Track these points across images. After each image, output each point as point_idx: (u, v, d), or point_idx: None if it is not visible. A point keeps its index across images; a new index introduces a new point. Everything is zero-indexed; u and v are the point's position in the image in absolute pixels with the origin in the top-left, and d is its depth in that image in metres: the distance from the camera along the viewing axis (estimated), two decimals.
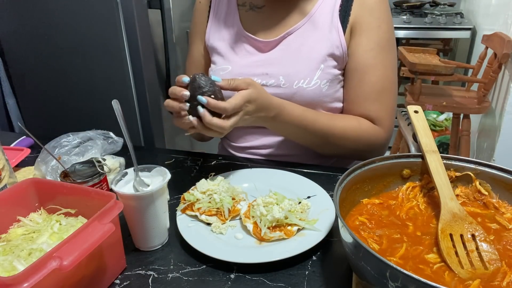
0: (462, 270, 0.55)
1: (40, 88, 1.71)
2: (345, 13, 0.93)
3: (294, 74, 0.94)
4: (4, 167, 0.77)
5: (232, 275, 0.66)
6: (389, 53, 0.96)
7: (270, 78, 0.95)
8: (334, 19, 0.93)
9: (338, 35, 0.93)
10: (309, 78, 0.93)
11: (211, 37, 1.05)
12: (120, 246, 0.66)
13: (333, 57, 0.94)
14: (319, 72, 0.93)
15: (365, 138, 0.96)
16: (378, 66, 0.94)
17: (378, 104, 0.95)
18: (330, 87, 0.95)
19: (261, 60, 0.98)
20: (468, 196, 0.70)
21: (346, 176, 0.65)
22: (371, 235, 0.62)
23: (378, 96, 0.95)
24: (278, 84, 0.95)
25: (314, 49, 0.94)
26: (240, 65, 0.99)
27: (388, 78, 0.96)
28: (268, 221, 0.71)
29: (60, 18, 1.55)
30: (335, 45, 0.93)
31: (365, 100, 0.96)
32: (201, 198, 0.77)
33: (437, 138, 2.85)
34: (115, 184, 0.69)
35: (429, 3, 3.34)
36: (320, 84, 0.93)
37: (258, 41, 0.98)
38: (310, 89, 0.93)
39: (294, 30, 0.96)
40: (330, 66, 0.94)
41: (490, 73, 2.20)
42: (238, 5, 1.03)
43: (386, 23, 0.94)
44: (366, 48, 0.93)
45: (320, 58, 0.93)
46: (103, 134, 1.01)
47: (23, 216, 0.67)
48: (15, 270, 0.55)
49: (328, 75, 0.94)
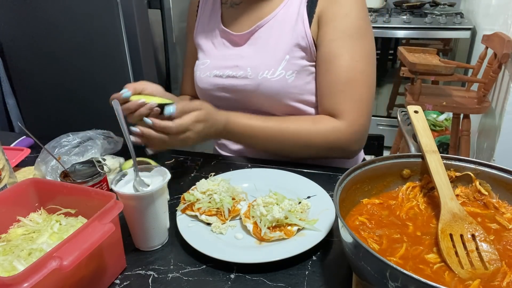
0: (462, 270, 0.55)
1: (40, 88, 1.71)
2: (311, 4, 0.93)
3: (260, 65, 0.96)
4: (4, 167, 0.77)
5: (232, 275, 0.66)
6: (358, 41, 0.91)
7: (240, 70, 0.98)
8: (300, 10, 0.94)
9: (303, 25, 0.93)
10: (273, 69, 0.94)
11: (198, 35, 1.09)
12: (120, 246, 0.66)
13: (299, 47, 0.94)
14: (284, 63, 0.94)
15: (320, 137, 0.92)
16: (344, 56, 0.90)
17: (342, 96, 0.90)
18: (298, 78, 0.94)
19: (234, 54, 1.01)
20: (468, 196, 0.70)
21: (346, 176, 0.65)
22: (371, 235, 0.62)
23: (343, 87, 0.90)
24: (246, 76, 0.97)
25: (280, 40, 0.95)
26: (217, 58, 1.03)
27: (355, 68, 0.90)
28: (268, 221, 0.71)
29: (60, 18, 1.55)
30: (301, 35, 0.93)
31: (330, 92, 0.92)
32: (201, 198, 0.77)
33: (437, 138, 2.85)
34: (115, 184, 0.69)
35: (429, 3, 3.34)
36: (285, 75, 0.94)
37: (233, 35, 1.02)
38: (274, 79, 0.94)
39: (264, 23, 0.98)
40: (297, 56, 0.94)
41: (490, 73, 2.20)
42: (221, 3, 1.06)
43: (355, 11, 0.91)
44: (331, 37, 0.91)
45: (286, 48, 0.94)
46: (103, 134, 1.01)
47: (23, 216, 0.67)
48: (15, 270, 0.55)
49: (294, 66, 0.94)
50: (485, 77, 2.26)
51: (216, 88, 1.02)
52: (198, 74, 1.06)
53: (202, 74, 1.04)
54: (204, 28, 1.08)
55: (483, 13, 2.80)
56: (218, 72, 1.01)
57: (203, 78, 1.04)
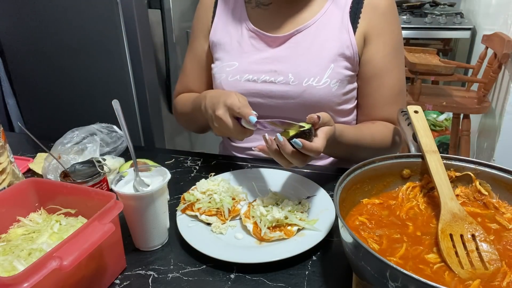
0: (462, 270, 0.55)
1: (40, 88, 1.71)
2: (355, 15, 0.94)
3: (304, 71, 0.93)
4: (7, 167, 0.77)
5: (232, 275, 0.66)
6: (401, 55, 0.99)
7: (279, 76, 0.95)
8: (344, 20, 0.94)
9: (349, 35, 0.93)
10: (319, 77, 0.93)
11: (217, 33, 1.04)
12: (120, 246, 0.66)
13: (344, 57, 0.94)
14: (329, 71, 0.93)
15: (396, 141, 0.99)
16: (395, 70, 0.97)
17: (396, 106, 0.97)
18: (340, 87, 0.94)
19: (269, 57, 0.97)
20: (468, 196, 0.70)
21: (346, 176, 0.65)
22: (371, 235, 0.62)
23: (396, 98, 0.98)
24: (287, 82, 0.94)
25: (324, 48, 0.94)
26: (248, 61, 0.99)
27: (402, 79, 0.99)
28: (268, 221, 0.71)
29: (60, 18, 1.55)
30: (346, 45, 0.93)
31: (385, 104, 0.98)
32: (201, 198, 0.77)
33: (437, 138, 2.85)
34: (115, 184, 0.69)
35: (429, 3, 3.34)
36: (330, 83, 0.93)
37: (266, 36, 0.98)
38: (320, 87, 0.93)
39: (304, 28, 0.96)
40: (341, 66, 0.94)
41: (490, 73, 2.20)
42: (245, 2, 1.03)
43: (398, 26, 0.97)
44: (384, 53, 0.95)
45: (331, 57, 0.93)
46: (107, 128, 1.01)
47: (23, 216, 0.67)
48: (15, 270, 0.55)
49: (339, 75, 0.94)
50: (485, 77, 2.26)
51: (249, 94, 0.96)
52: (224, 77, 0.99)
53: (230, 78, 0.99)
54: (227, 26, 1.03)
55: (483, 13, 2.80)
56: (251, 76, 0.97)
57: (231, 82, 0.98)
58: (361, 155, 0.95)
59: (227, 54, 1.02)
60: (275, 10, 0.99)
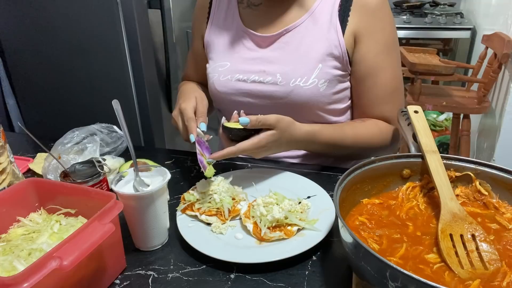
0: (462, 270, 0.55)
1: (40, 88, 1.71)
2: (344, 14, 0.93)
3: (292, 72, 0.94)
4: (7, 167, 0.77)
5: (232, 275, 0.66)
6: (395, 52, 0.97)
7: (267, 76, 0.96)
8: (333, 19, 0.93)
9: (337, 35, 0.93)
10: (306, 77, 0.93)
11: (211, 33, 1.05)
12: (120, 246, 0.66)
13: (333, 56, 0.93)
14: (317, 71, 0.93)
15: (386, 140, 0.99)
16: (388, 68, 0.96)
17: (391, 105, 0.97)
18: (329, 87, 0.94)
19: (259, 57, 0.98)
20: (468, 196, 0.70)
21: (346, 176, 0.65)
22: (371, 235, 0.62)
23: (391, 97, 0.97)
24: (275, 82, 0.95)
25: (312, 48, 0.94)
26: (239, 61, 1.00)
27: (397, 77, 0.98)
28: (268, 221, 0.71)
29: (60, 18, 1.55)
30: (334, 44, 0.93)
31: (379, 103, 0.97)
32: (201, 198, 0.77)
33: (437, 138, 2.85)
34: (115, 184, 0.69)
35: (429, 3, 3.34)
36: (317, 83, 0.93)
37: (256, 36, 0.98)
38: (307, 87, 0.93)
39: (293, 28, 0.96)
40: (330, 66, 0.94)
41: (490, 73, 2.20)
42: (237, 2, 1.03)
43: (389, 23, 0.95)
44: (376, 52, 0.94)
45: (319, 57, 0.93)
46: (107, 128, 1.01)
47: (23, 216, 0.67)
48: (15, 270, 0.55)
49: (327, 74, 0.93)
50: (485, 77, 2.26)
51: (239, 93, 0.98)
52: (216, 76, 1.01)
53: (222, 77, 1.00)
54: (220, 26, 1.04)
55: (483, 13, 2.80)
56: (241, 76, 0.98)
57: (222, 81, 1.00)
58: (343, 152, 0.98)
59: (219, 54, 1.03)
60: (265, 10, 1.00)
